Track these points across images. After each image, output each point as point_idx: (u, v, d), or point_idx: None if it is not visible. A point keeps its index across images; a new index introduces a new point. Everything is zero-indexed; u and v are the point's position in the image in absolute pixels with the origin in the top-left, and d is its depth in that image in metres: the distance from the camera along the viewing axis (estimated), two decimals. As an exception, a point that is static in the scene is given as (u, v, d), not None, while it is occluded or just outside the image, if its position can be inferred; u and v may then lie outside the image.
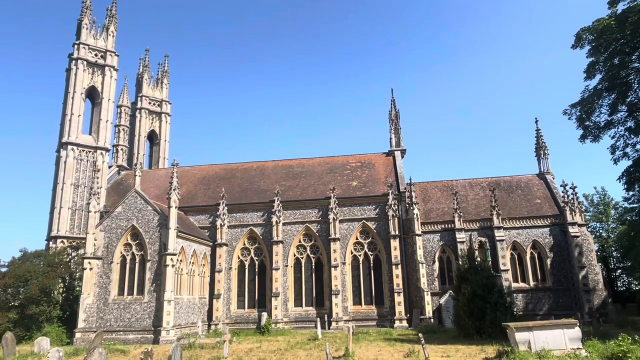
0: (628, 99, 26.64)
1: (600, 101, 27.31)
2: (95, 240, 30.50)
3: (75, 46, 42.14)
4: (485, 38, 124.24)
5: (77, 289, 32.58)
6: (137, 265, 30.22)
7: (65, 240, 37.64)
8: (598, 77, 27.39)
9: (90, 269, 29.90)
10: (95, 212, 31.30)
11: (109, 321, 29.08)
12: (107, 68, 43.11)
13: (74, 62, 41.71)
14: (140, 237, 30.44)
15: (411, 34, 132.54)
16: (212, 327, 33.42)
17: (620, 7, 26.15)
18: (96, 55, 43.15)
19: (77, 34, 43.09)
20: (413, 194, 34.79)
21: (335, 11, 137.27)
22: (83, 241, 33.04)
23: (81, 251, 33.51)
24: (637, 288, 46.78)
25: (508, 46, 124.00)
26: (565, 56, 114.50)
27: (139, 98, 51.85)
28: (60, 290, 33.74)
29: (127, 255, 30.50)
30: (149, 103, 52.50)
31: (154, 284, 29.28)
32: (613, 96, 26.88)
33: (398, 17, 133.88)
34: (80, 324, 28.95)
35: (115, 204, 33.62)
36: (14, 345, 22.11)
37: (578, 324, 16.63)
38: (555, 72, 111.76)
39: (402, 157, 40.64)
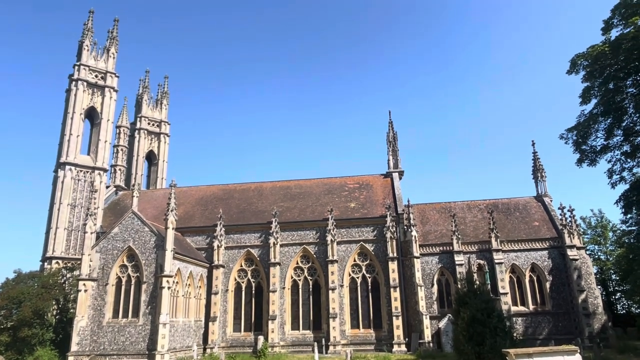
0: (624, 124, 26.90)
1: (596, 125, 27.56)
2: (91, 261, 30.24)
3: (76, 67, 42.50)
4: (483, 62, 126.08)
5: (71, 311, 32.12)
6: (132, 287, 29.91)
7: (60, 261, 37.22)
8: (593, 101, 27.72)
9: (85, 290, 29.58)
10: (91, 232, 31.11)
11: (102, 344, 28.60)
12: (107, 89, 43.41)
13: (74, 83, 42.01)
14: (137, 259, 30.19)
15: (410, 58, 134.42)
16: (208, 350, 32.91)
17: (614, 33, 26.66)
18: (96, 76, 43.49)
19: (77, 55, 43.52)
20: (411, 215, 34.73)
21: (334, 33, 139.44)
22: (78, 262, 32.78)
23: (76, 272, 33.20)
24: (637, 311, 46.33)
25: (506, 70, 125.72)
26: (561, 81, 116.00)
27: (138, 119, 52.11)
28: (54, 312, 33.24)
29: (123, 277, 30.20)
30: (148, 124, 52.74)
31: (149, 307, 28.91)
32: (609, 120, 27.15)
33: (396, 39, 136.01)
34: (74, 347, 28.46)
35: (112, 225, 33.44)
36: (5, 369, 21.69)
37: (579, 351, 16.40)
38: (552, 97, 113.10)
39: (400, 178, 40.71)
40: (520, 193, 52.43)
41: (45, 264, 37.35)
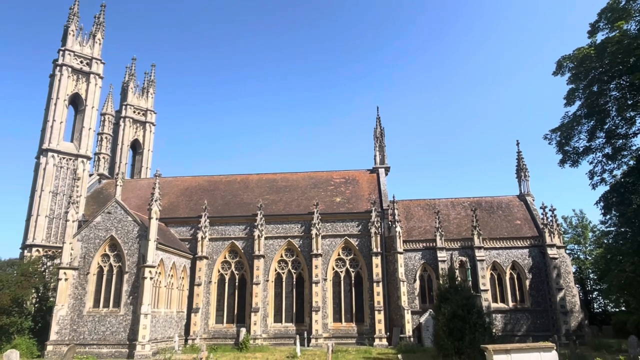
0: (606, 126, 27.43)
1: (580, 127, 28.07)
2: (72, 250, 29.83)
3: (61, 52, 41.64)
4: (470, 61, 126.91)
5: (51, 299, 31.71)
6: (114, 276, 29.60)
7: (40, 249, 36.67)
8: (578, 103, 28.21)
9: (66, 279, 29.18)
10: (73, 221, 30.67)
11: (82, 334, 28.29)
12: (92, 75, 42.65)
13: (58, 68, 41.16)
14: (119, 248, 29.89)
15: (398, 55, 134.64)
16: (189, 342, 32.81)
17: (600, 37, 27.12)
18: (81, 62, 42.70)
19: (63, 40, 42.62)
20: (396, 211, 34.95)
21: (325, 25, 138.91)
22: (59, 250, 32.32)
23: (57, 261, 32.74)
24: (613, 310, 47.43)
25: (492, 70, 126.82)
26: (547, 82, 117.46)
27: (124, 107, 51.35)
28: (33, 300, 32.77)
29: (105, 266, 29.88)
30: (134, 112, 52.02)
31: (130, 297, 28.67)
32: (592, 123, 27.66)
33: (385, 36, 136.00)
34: (53, 336, 28.12)
35: (94, 214, 33.03)
36: (-19, 357, 21.34)
37: (555, 348, 16.76)
38: (537, 97, 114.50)
39: (386, 174, 40.92)
40: (503, 192, 53.08)
41: (25, 251, 36.75)
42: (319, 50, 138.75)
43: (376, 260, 34.14)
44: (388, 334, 32.60)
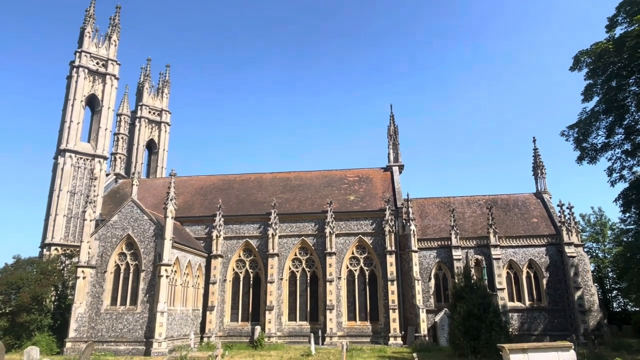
0: (625, 122, 26.87)
1: (598, 123, 27.52)
2: (90, 248, 30.31)
3: (77, 54, 42.30)
4: (485, 57, 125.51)
5: (70, 297, 32.24)
6: (131, 275, 30.00)
7: (59, 248, 37.32)
8: (595, 99, 27.63)
9: (84, 277, 29.67)
10: (90, 220, 31.17)
11: (100, 331, 28.76)
12: (108, 76, 43.24)
13: (75, 69, 41.82)
14: (135, 247, 30.27)
15: (412, 50, 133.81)
16: (205, 339, 33.10)
17: (618, 31, 26.53)
18: (97, 63, 43.30)
19: (79, 41, 43.30)
20: (410, 209, 34.76)
21: (336, 21, 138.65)
22: (77, 249, 32.85)
23: (75, 259, 33.27)
24: (633, 310, 46.53)
25: (508, 65, 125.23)
26: (564, 78, 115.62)
27: (139, 107, 51.97)
28: (53, 298, 33.37)
29: (122, 264, 30.29)
30: (149, 112, 52.61)
31: (147, 295, 29.03)
32: (610, 118, 27.11)
33: (398, 31, 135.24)
34: (71, 333, 28.63)
35: (111, 213, 33.49)
36: (2, 354, 21.78)
37: (573, 347, 16.53)
38: (554, 93, 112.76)
39: (400, 172, 40.70)
40: (519, 189, 52.54)
41: (44, 250, 37.45)
42: (332, 46, 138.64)
43: (390, 259, 33.98)
44: (403, 332, 32.46)
